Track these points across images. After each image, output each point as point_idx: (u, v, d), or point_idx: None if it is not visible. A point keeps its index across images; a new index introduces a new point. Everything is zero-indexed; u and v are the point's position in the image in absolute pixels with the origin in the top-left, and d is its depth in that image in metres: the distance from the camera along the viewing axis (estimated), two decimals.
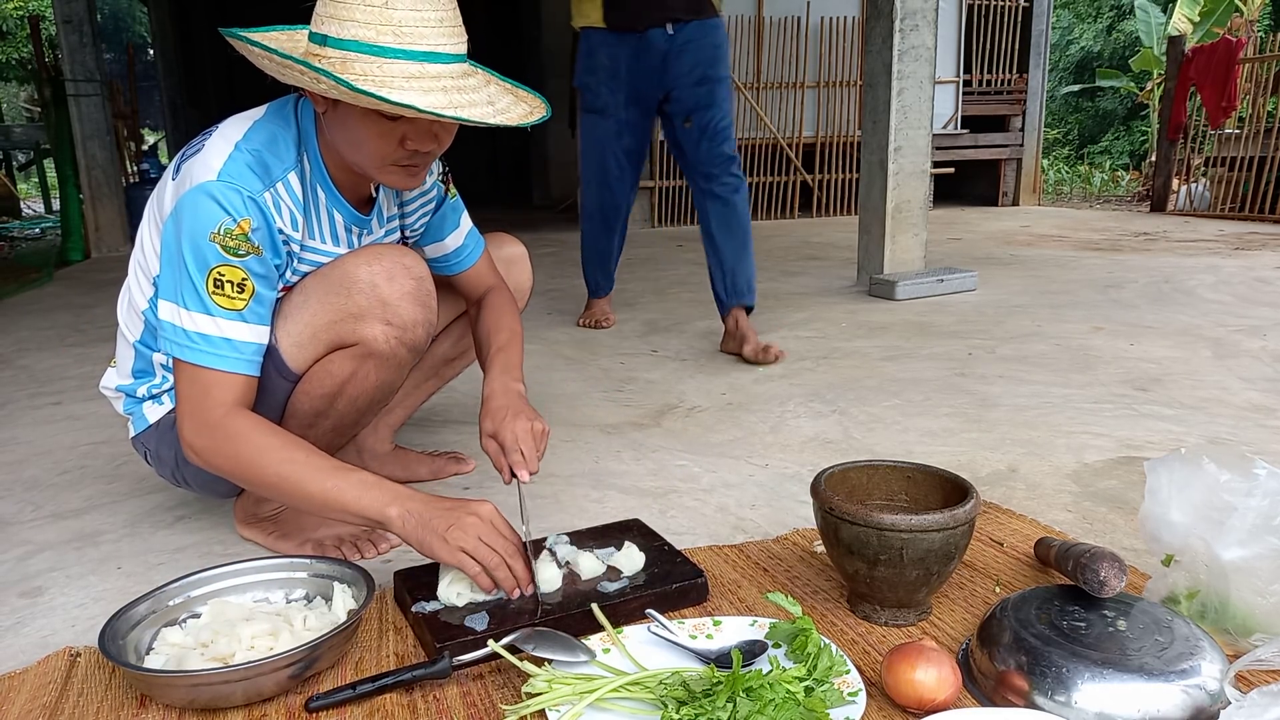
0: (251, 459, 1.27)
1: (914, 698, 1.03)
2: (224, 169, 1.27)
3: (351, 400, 1.45)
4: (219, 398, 1.29)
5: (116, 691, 1.15)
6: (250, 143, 1.31)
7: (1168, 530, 1.20)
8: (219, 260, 1.27)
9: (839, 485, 1.36)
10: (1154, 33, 11.04)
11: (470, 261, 1.70)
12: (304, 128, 1.37)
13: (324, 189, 1.40)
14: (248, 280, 1.29)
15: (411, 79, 1.20)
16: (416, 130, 1.27)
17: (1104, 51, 18.91)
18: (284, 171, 1.33)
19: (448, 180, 1.65)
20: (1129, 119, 18.26)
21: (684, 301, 3.99)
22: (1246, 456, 1.18)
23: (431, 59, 1.21)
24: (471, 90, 1.26)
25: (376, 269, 1.38)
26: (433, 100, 1.20)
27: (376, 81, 1.19)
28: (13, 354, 3.30)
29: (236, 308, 1.29)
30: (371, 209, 1.50)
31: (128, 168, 7.24)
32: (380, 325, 1.39)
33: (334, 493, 1.25)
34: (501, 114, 1.28)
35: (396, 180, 1.35)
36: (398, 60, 1.20)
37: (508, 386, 1.46)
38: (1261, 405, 2.29)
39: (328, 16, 1.21)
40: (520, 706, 1.04)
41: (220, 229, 1.26)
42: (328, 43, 1.21)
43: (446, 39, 1.23)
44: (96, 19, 6.23)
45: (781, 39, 7.33)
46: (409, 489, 1.29)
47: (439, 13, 1.22)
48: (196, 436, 1.29)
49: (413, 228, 1.62)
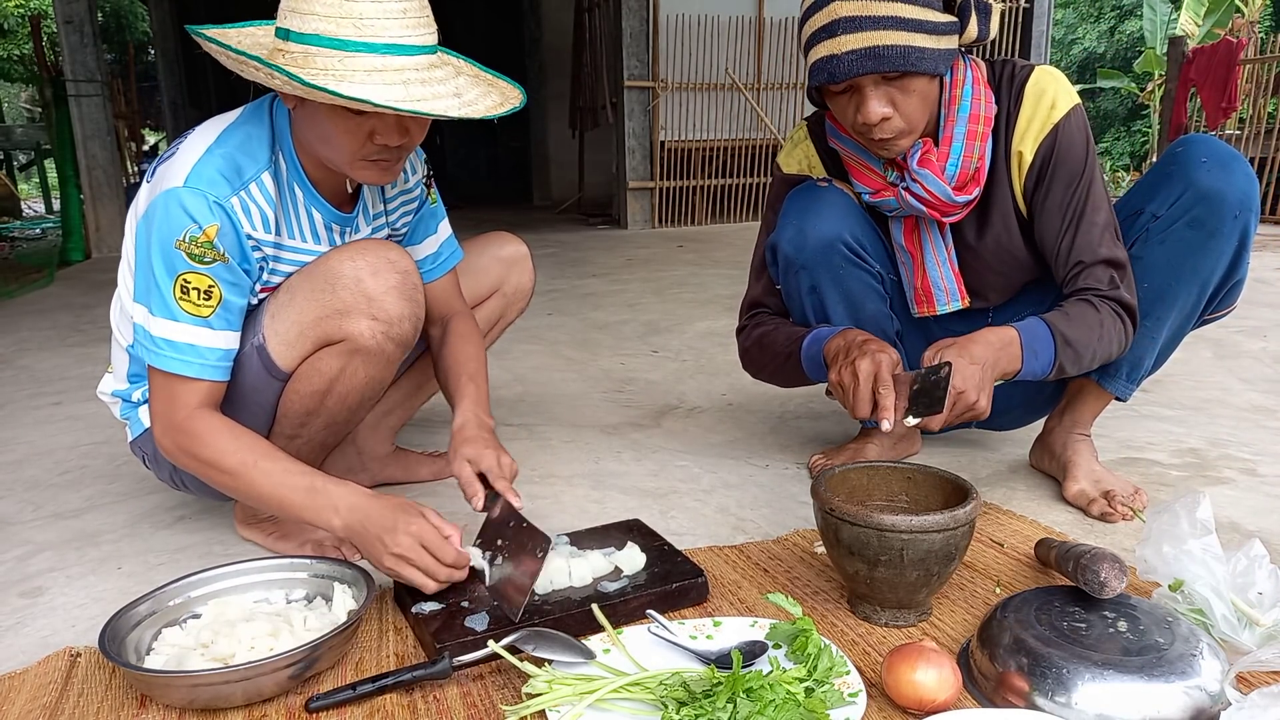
0: (211, 460, 1.31)
1: (914, 698, 1.02)
2: (191, 174, 1.27)
3: (341, 397, 1.45)
4: (185, 400, 1.31)
5: (116, 691, 1.15)
6: (223, 146, 1.31)
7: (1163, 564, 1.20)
8: (185, 267, 1.27)
9: (839, 486, 1.36)
10: (1159, 33, 11.04)
11: (439, 273, 1.65)
12: (279, 126, 1.36)
13: (301, 187, 1.39)
14: (215, 287, 1.30)
15: (373, 72, 1.19)
16: (384, 124, 1.26)
17: (1106, 52, 18.92)
18: (257, 172, 1.33)
19: (430, 183, 1.63)
20: (1130, 120, 18.26)
21: (684, 302, 3.99)
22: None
23: (394, 51, 1.20)
24: (437, 82, 1.24)
25: (361, 264, 1.38)
26: (392, 94, 1.18)
27: (336, 76, 1.18)
28: (13, 354, 3.30)
29: (203, 314, 1.30)
30: (354, 207, 1.49)
31: (128, 168, 7.25)
32: (366, 320, 1.38)
33: (284, 501, 1.30)
34: (467, 106, 1.26)
35: (369, 175, 1.34)
36: (359, 54, 1.18)
37: (481, 420, 1.46)
38: (1262, 406, 2.29)
39: (290, 10, 1.21)
40: (520, 707, 1.04)
41: (185, 236, 1.26)
42: (290, 37, 1.21)
43: (410, 30, 1.21)
44: (97, 19, 6.23)
45: (781, 39, 7.34)
46: (355, 490, 1.30)
47: (401, 4, 1.20)
48: (163, 437, 1.34)
49: (394, 226, 1.59)
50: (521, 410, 2.40)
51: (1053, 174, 1.56)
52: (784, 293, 1.73)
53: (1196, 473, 1.84)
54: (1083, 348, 1.49)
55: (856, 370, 1.40)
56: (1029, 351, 1.45)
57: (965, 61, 1.56)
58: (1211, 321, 1.67)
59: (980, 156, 1.55)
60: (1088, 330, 1.49)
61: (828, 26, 1.41)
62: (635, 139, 7.11)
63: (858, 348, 1.44)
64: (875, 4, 1.37)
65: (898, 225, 1.67)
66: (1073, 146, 1.54)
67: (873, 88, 1.42)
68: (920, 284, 1.69)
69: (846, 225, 1.63)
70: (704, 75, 7.23)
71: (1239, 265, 1.56)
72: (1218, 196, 1.48)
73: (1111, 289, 1.52)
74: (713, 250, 5.88)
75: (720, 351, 3.01)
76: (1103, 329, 1.51)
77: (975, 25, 1.45)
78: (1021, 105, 1.56)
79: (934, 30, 1.41)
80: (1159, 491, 1.74)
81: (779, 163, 1.79)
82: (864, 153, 1.60)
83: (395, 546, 1.25)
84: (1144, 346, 1.62)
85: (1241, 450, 1.96)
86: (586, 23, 7.83)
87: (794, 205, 1.66)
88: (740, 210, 7.63)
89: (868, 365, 1.39)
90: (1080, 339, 1.48)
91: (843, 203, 1.64)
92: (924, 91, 1.46)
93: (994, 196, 1.61)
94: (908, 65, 1.39)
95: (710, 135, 7.36)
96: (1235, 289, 1.61)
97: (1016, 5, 8.05)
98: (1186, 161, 1.52)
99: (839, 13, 1.39)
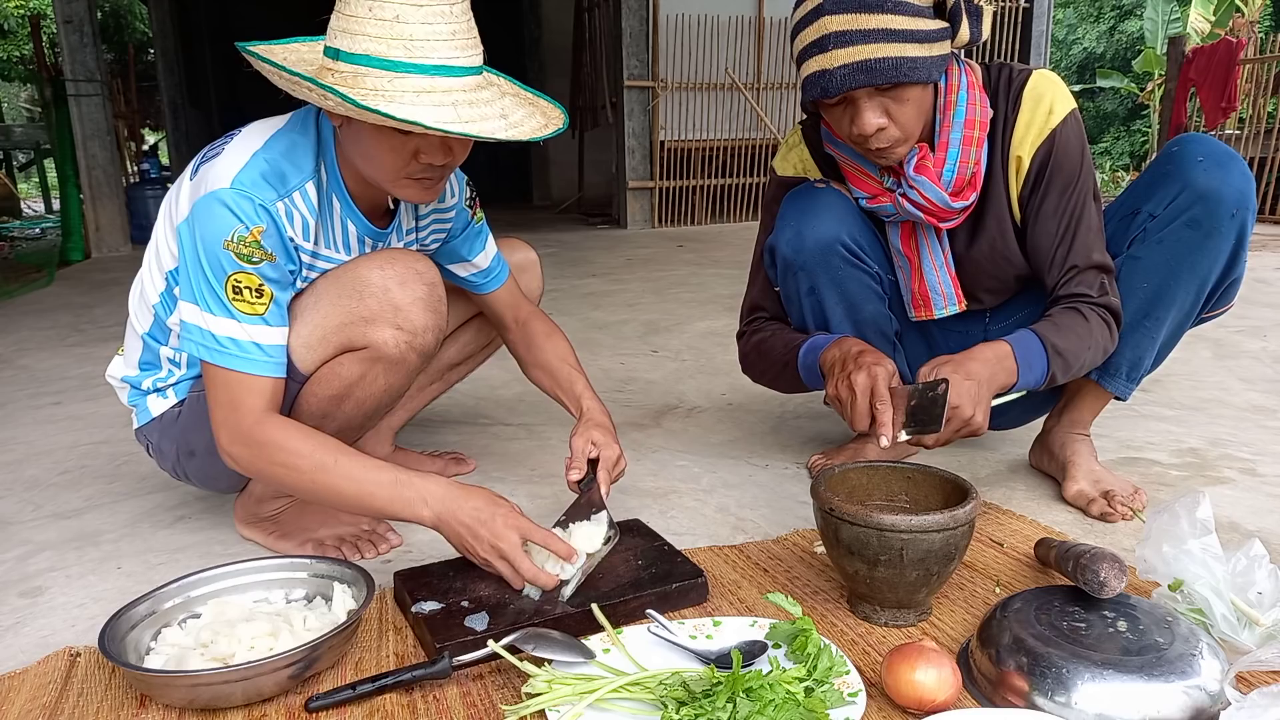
0: (289, 466, 1.30)
1: (914, 698, 1.02)
2: (239, 176, 1.28)
3: (358, 403, 1.46)
4: (251, 404, 1.31)
5: (116, 691, 1.15)
6: (269, 151, 1.31)
7: (1162, 563, 1.20)
8: (235, 267, 1.28)
9: (839, 486, 1.36)
10: (1159, 33, 11.05)
11: (499, 282, 1.72)
12: (324, 138, 1.37)
13: (340, 200, 1.40)
14: (264, 286, 1.30)
15: (422, 93, 1.20)
16: (429, 144, 1.27)
17: (1106, 52, 18.93)
18: (301, 181, 1.33)
19: (474, 205, 1.66)
20: (1129, 120, 18.27)
21: (684, 301, 3.99)
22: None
23: (443, 72, 1.21)
24: (484, 104, 1.26)
25: (389, 273, 1.38)
26: (441, 115, 1.20)
27: (386, 96, 1.19)
28: (13, 354, 3.30)
29: (258, 312, 1.30)
30: (389, 223, 1.50)
31: (128, 168, 7.26)
32: (391, 330, 1.39)
33: (367, 499, 1.31)
34: (514, 127, 1.27)
35: (412, 194, 1.35)
36: (408, 75, 1.19)
37: (607, 413, 1.60)
38: (1262, 406, 2.29)
39: (340, 30, 1.22)
40: (520, 707, 1.04)
41: (234, 236, 1.27)
42: (340, 57, 1.22)
43: (459, 52, 1.22)
44: (97, 19, 6.23)
45: (781, 39, 7.34)
46: (441, 482, 1.32)
47: (451, 25, 1.21)
48: (233, 445, 1.32)
49: (425, 243, 1.61)
50: (521, 410, 2.40)
51: (1049, 179, 1.56)
52: (782, 294, 1.73)
53: (1196, 473, 1.84)
54: (1073, 357, 1.50)
55: (853, 384, 1.40)
56: (1024, 365, 1.46)
57: (959, 66, 1.55)
58: (1209, 319, 1.67)
59: (976, 161, 1.55)
60: (1078, 340, 1.50)
61: (818, 41, 1.40)
62: (635, 139, 7.12)
63: (853, 360, 1.44)
64: (865, 17, 1.37)
65: (894, 230, 1.67)
66: (1069, 152, 1.55)
67: (867, 99, 1.42)
68: (918, 288, 1.69)
69: (845, 226, 1.63)
70: (704, 75, 7.24)
71: (1236, 263, 1.56)
72: (1215, 195, 1.48)
73: (1101, 295, 1.54)
74: (712, 250, 5.88)
75: (720, 351, 3.01)
76: (1092, 337, 1.52)
77: (967, 29, 1.45)
78: (1020, 110, 1.56)
79: (925, 39, 1.41)
80: (1159, 491, 1.75)
81: (774, 166, 1.79)
82: (860, 159, 1.60)
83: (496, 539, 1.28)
84: (1144, 346, 1.62)
85: (1241, 450, 1.96)
86: (586, 22, 7.84)
87: (792, 207, 1.66)
88: (740, 210, 7.64)
89: (864, 379, 1.39)
90: (1071, 349, 1.49)
91: (841, 204, 1.64)
92: (918, 100, 1.46)
93: (990, 201, 1.61)
94: (900, 76, 1.39)
95: (710, 135, 7.36)
96: (1233, 287, 1.61)
97: (1016, 5, 8.05)
98: (1183, 161, 1.52)
99: (829, 27, 1.39)
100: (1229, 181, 1.49)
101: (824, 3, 1.39)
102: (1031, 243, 1.61)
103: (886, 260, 1.72)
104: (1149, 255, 1.56)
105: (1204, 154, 1.51)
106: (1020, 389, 1.48)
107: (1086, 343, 1.52)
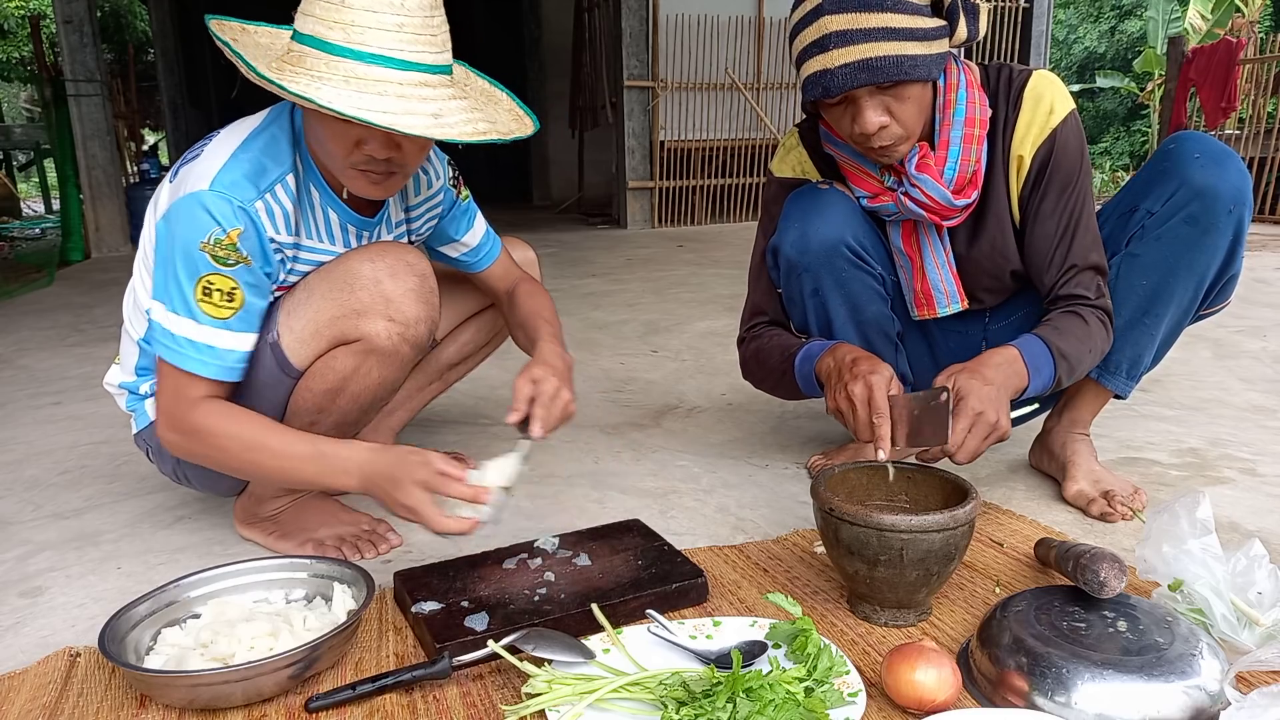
0: (216, 447, 1.32)
1: (914, 698, 1.02)
2: (217, 178, 1.28)
3: (354, 397, 1.46)
4: (189, 395, 1.32)
5: (116, 691, 1.15)
6: (247, 150, 1.31)
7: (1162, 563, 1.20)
8: (209, 269, 1.28)
9: (839, 486, 1.36)
10: (1159, 33, 11.05)
11: (492, 258, 1.72)
12: (299, 127, 1.37)
13: (317, 188, 1.40)
14: (237, 289, 1.30)
15: (351, 79, 1.18)
16: (372, 135, 1.25)
17: (1106, 52, 18.92)
18: (281, 174, 1.33)
19: (459, 184, 1.65)
20: (1129, 119, 18.25)
21: (683, 301, 3.99)
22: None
23: (381, 62, 1.18)
24: (419, 100, 1.21)
25: (380, 265, 1.38)
26: (362, 102, 1.17)
27: (318, 78, 1.17)
28: (13, 354, 3.30)
29: (223, 316, 1.30)
30: (376, 212, 1.49)
31: (128, 168, 7.25)
32: (383, 321, 1.39)
33: (295, 472, 1.32)
34: (444, 128, 1.22)
35: (360, 186, 1.33)
36: (342, 59, 1.18)
37: (563, 356, 1.50)
38: (1262, 406, 2.29)
39: (299, 12, 1.23)
40: (520, 707, 1.04)
41: (210, 238, 1.27)
42: (295, 38, 1.23)
43: (405, 45, 1.19)
44: (96, 19, 6.23)
45: (781, 38, 7.33)
46: (360, 448, 1.30)
47: (400, 18, 1.18)
48: (168, 432, 1.34)
49: (419, 232, 1.62)
50: None
51: (1049, 179, 1.56)
52: (785, 295, 1.73)
53: (1196, 473, 1.84)
54: (1075, 360, 1.51)
55: (851, 395, 1.40)
56: (1033, 369, 1.46)
57: (958, 65, 1.56)
58: (1208, 316, 1.67)
59: (977, 160, 1.55)
60: (1079, 343, 1.52)
61: (819, 41, 1.41)
62: (635, 139, 7.12)
63: (849, 369, 1.44)
64: (865, 16, 1.37)
65: (896, 229, 1.67)
66: (1069, 151, 1.55)
67: (868, 98, 1.42)
68: (920, 287, 1.69)
69: (849, 227, 1.63)
70: (704, 75, 7.23)
71: (1234, 260, 1.56)
72: (1211, 192, 1.49)
73: (1098, 297, 1.56)
74: (712, 250, 5.88)
75: (720, 351, 3.01)
76: (1091, 340, 1.53)
77: (964, 26, 1.45)
78: (1020, 110, 1.56)
79: (924, 37, 1.41)
80: (1159, 491, 1.75)
81: (771, 169, 1.78)
82: (861, 158, 1.60)
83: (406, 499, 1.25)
84: (1143, 343, 1.62)
85: (1241, 450, 1.96)
86: (586, 22, 7.83)
87: (795, 208, 1.66)
88: (740, 210, 7.64)
89: (861, 390, 1.39)
90: (1073, 352, 1.50)
91: (844, 205, 1.64)
92: (919, 98, 1.46)
93: (990, 200, 1.61)
94: (901, 74, 1.39)
95: (710, 135, 7.36)
96: (1230, 283, 1.61)
97: (1016, 5, 8.05)
98: (1180, 158, 1.52)
99: (829, 27, 1.39)
100: (1226, 178, 1.49)
101: (823, 3, 1.39)
102: (1030, 241, 1.61)
103: (888, 260, 1.73)
104: (1147, 252, 1.57)
105: (1201, 151, 1.51)
106: (1030, 394, 1.48)
107: (1087, 346, 1.53)
